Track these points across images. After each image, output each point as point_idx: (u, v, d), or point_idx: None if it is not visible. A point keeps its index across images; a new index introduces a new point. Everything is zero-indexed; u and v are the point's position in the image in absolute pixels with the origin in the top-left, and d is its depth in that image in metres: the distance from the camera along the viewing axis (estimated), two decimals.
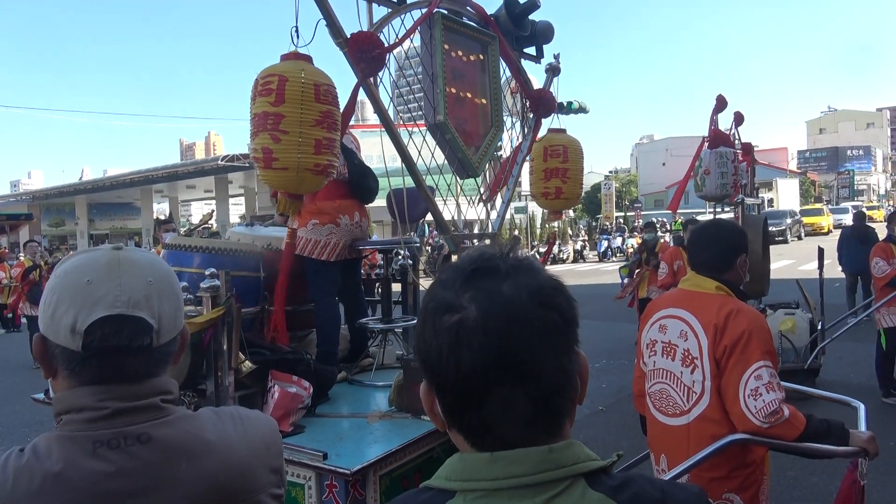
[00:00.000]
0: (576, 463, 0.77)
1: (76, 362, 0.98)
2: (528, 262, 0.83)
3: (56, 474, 0.92)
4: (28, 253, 11.64)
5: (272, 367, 2.60)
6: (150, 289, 1.02)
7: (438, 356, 0.79)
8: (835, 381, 6.79)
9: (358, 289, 3.65)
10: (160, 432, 0.99)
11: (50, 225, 38.89)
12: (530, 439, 0.78)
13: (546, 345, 0.78)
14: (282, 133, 2.08)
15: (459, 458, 0.81)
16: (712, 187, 5.72)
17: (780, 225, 28.43)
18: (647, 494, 0.78)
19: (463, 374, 0.77)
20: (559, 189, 3.49)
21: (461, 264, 0.84)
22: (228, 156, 27.56)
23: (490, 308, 0.77)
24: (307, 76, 2.09)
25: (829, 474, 4.29)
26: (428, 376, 0.83)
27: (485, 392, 0.77)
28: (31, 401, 3.25)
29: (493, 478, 0.76)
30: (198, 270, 2.82)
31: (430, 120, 2.67)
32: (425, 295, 0.85)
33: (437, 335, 0.79)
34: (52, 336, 0.98)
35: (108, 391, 0.98)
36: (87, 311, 0.96)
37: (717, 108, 5.96)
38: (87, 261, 1.02)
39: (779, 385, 2.08)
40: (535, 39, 3.29)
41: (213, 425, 1.06)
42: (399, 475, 2.32)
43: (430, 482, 0.82)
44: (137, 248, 1.12)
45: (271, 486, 1.10)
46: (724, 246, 2.37)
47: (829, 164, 71.91)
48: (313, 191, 2.56)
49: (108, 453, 0.95)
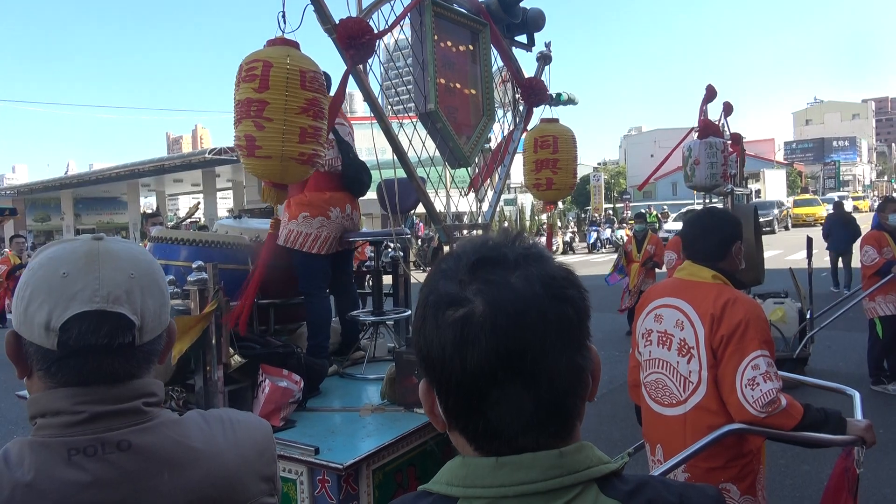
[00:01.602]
0: (588, 467, 0.72)
1: (51, 362, 0.90)
2: (538, 251, 0.77)
3: (27, 484, 0.85)
4: (14, 248, 11.52)
5: (262, 362, 2.57)
6: (132, 283, 0.94)
7: (441, 354, 0.72)
8: (824, 369, 6.83)
9: (349, 281, 3.61)
10: (141, 439, 0.92)
11: (35, 220, 38.44)
12: (540, 443, 0.72)
13: (559, 341, 0.72)
14: (265, 120, 2.03)
15: (462, 462, 0.75)
16: (702, 177, 5.71)
17: (768, 215, 28.62)
18: (663, 499, 0.73)
19: (469, 373, 0.71)
20: (550, 180, 3.47)
21: (463, 253, 0.77)
22: (216, 149, 27.33)
23: (499, 302, 0.70)
24: (293, 62, 2.04)
25: (820, 462, 4.32)
26: (428, 374, 0.76)
27: (492, 393, 0.71)
28: (16, 398, 3.20)
29: (499, 484, 0.71)
30: (185, 264, 2.78)
31: (421, 109, 2.63)
32: (424, 286, 0.79)
33: (440, 331, 0.72)
34: (25, 333, 0.91)
35: (86, 393, 0.91)
36: (62, 306, 0.89)
37: (706, 98, 5.94)
38: (63, 252, 0.94)
39: (776, 374, 2.08)
40: (527, 27, 3.25)
41: (200, 431, 0.99)
42: (392, 469, 2.30)
43: (429, 486, 0.76)
44: (119, 239, 1.03)
45: (263, 496, 1.04)
46: (719, 235, 2.36)
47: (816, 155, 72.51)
48: (298, 181, 2.50)
49: (84, 461, 0.88)
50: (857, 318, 6.91)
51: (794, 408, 2.04)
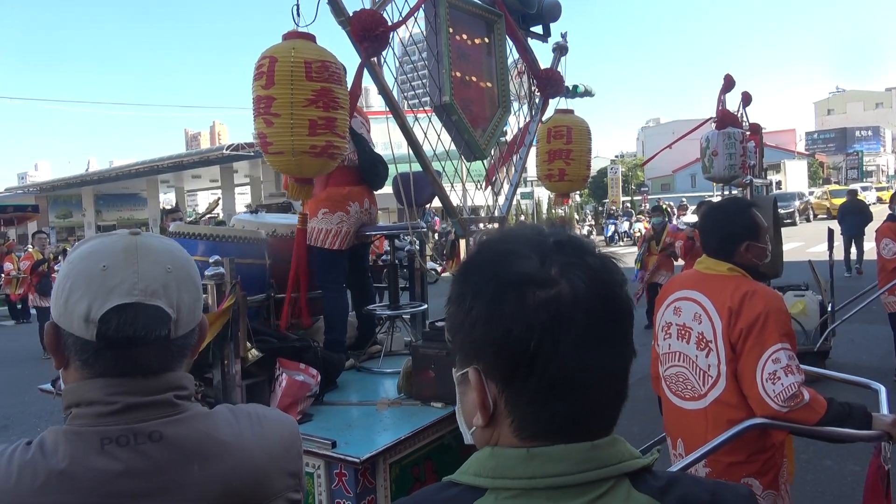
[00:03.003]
0: (620, 461, 0.70)
1: (89, 353, 0.92)
2: (592, 241, 0.78)
3: (61, 472, 0.87)
4: (37, 244, 11.69)
5: (279, 355, 2.58)
6: (169, 277, 0.96)
7: (527, 337, 0.68)
8: (846, 363, 6.73)
9: (366, 276, 3.62)
10: (173, 431, 0.94)
11: (57, 216, 38.96)
12: (601, 429, 0.72)
13: (628, 328, 0.73)
14: (273, 116, 2.03)
15: (491, 453, 0.73)
16: (720, 168, 5.60)
17: (789, 207, 28.23)
18: (695, 496, 0.72)
19: (561, 356, 0.68)
20: (563, 171, 3.43)
21: (534, 234, 0.75)
22: (233, 145, 27.50)
23: (587, 284, 0.69)
24: (297, 54, 2.02)
25: (842, 458, 4.26)
26: (491, 363, 0.72)
27: (581, 377, 0.69)
28: (39, 391, 3.24)
29: (530, 476, 0.69)
30: (202, 258, 2.79)
31: (436, 101, 2.61)
32: (484, 267, 0.74)
33: (527, 313, 0.68)
34: (64, 324, 0.93)
35: (120, 385, 0.93)
36: (102, 298, 0.91)
37: (724, 87, 5.85)
38: (102, 246, 0.96)
39: (798, 367, 2.03)
40: (542, 18, 3.22)
41: (229, 425, 1.00)
42: (409, 463, 2.29)
43: (454, 477, 0.75)
44: (155, 235, 1.06)
45: (288, 491, 1.05)
46: (724, 232, 2.28)
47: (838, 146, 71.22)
48: (320, 174, 2.50)
49: (116, 451, 0.89)
50: (879, 311, 6.80)
51: (818, 402, 2.00)
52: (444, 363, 2.47)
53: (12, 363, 9.93)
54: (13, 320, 14.77)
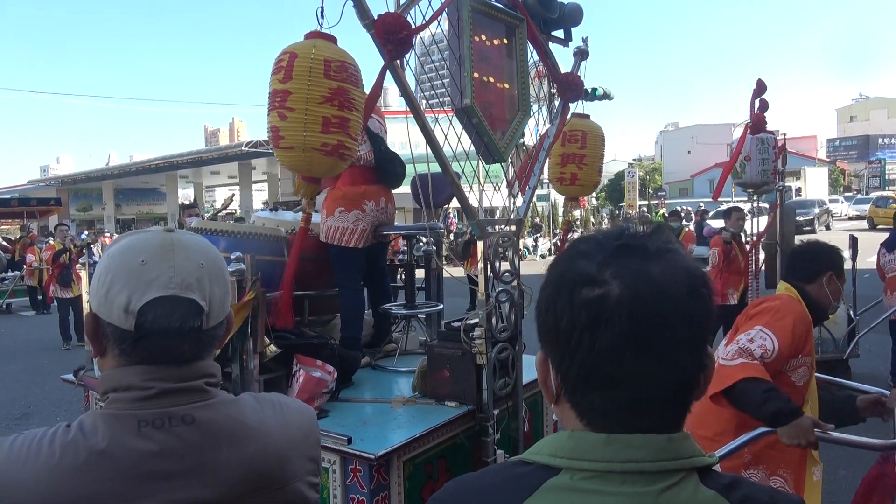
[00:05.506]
0: (692, 456, 0.74)
1: (127, 342, 0.98)
2: (677, 247, 0.79)
3: (101, 451, 0.92)
4: (59, 236, 11.86)
5: (297, 352, 2.61)
6: (202, 272, 1.02)
7: (570, 330, 0.75)
8: (864, 372, 6.66)
9: (383, 274, 3.64)
10: (203, 414, 1.00)
11: (78, 209, 39.49)
12: (653, 427, 0.74)
13: (689, 336, 0.74)
14: (287, 110, 2.03)
15: (570, 435, 0.77)
16: (753, 174, 5.49)
17: (808, 214, 27.87)
18: (756, 497, 0.75)
19: (597, 353, 0.73)
20: (574, 175, 3.43)
21: (604, 238, 0.79)
22: (252, 142, 27.73)
23: (637, 288, 0.73)
24: (317, 52, 2.03)
25: (856, 468, 4.22)
26: (548, 347, 0.80)
27: (617, 375, 0.73)
28: (61, 381, 3.30)
29: (608, 459, 0.73)
30: (223, 254, 2.83)
31: (457, 104, 2.63)
32: (557, 263, 0.81)
33: (573, 308, 0.74)
34: (104, 315, 0.99)
35: (156, 372, 0.99)
36: (141, 291, 0.97)
37: (756, 91, 5.76)
38: (140, 242, 1.02)
39: (762, 347, 2.08)
40: (564, 22, 3.22)
41: (254, 411, 1.07)
42: (423, 461, 2.32)
43: (526, 456, 0.79)
44: (187, 231, 1.13)
45: (308, 475, 1.11)
46: (815, 258, 2.40)
47: (860, 153, 70.15)
48: (330, 174, 2.50)
49: (152, 433, 0.95)
50: None
51: (742, 370, 2.01)
52: (459, 363, 2.50)
53: (33, 353, 10.10)
54: (34, 311, 15.03)
